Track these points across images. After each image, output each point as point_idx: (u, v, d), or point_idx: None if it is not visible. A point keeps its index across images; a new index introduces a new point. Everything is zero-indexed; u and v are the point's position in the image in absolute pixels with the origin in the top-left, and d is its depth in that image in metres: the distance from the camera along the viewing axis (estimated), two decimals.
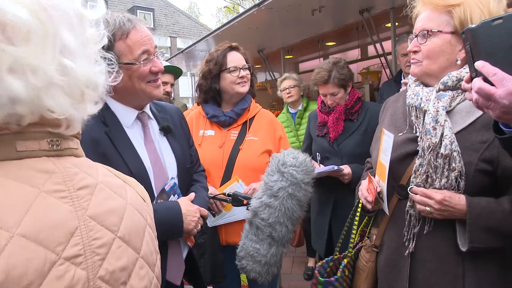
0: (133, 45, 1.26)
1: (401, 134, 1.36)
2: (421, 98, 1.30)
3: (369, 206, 1.39)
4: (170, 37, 23.61)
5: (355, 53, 6.73)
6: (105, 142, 1.29)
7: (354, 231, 1.55)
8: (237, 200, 1.77)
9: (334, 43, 6.20)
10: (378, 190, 1.36)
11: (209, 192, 1.87)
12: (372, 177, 1.41)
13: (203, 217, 1.53)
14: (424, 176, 1.25)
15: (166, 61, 4.58)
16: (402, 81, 2.19)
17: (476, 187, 1.20)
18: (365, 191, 1.43)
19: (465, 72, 1.24)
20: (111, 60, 0.71)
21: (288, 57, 6.61)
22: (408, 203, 1.30)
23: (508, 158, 1.11)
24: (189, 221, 1.42)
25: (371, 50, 6.04)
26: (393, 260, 1.35)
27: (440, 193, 1.20)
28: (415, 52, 1.31)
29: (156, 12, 23.77)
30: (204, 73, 2.05)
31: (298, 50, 6.52)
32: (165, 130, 1.49)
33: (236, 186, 1.91)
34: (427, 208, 1.21)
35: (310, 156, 2.51)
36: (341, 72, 2.35)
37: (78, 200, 0.62)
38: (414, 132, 1.32)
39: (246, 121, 2.05)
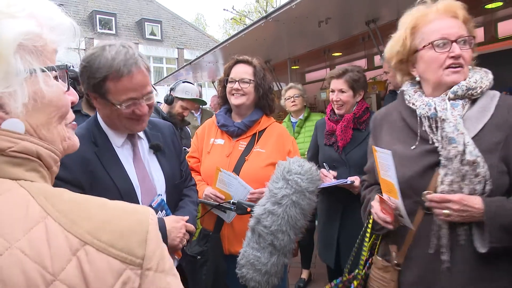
0: (121, 90, 1.29)
1: (413, 147, 1.34)
2: (435, 108, 1.30)
3: (390, 227, 1.33)
4: (178, 48, 23.92)
5: (361, 63, 6.76)
6: (94, 162, 1.36)
7: (364, 253, 1.49)
8: (241, 207, 1.78)
9: (341, 53, 6.25)
10: (393, 207, 1.30)
11: (205, 192, 1.93)
12: (383, 197, 1.34)
13: (190, 232, 1.56)
14: (455, 186, 1.23)
15: (174, 73, 4.64)
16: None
17: (500, 190, 1.21)
18: (381, 213, 1.35)
19: (472, 81, 1.28)
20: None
21: (294, 67, 6.67)
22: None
23: None
24: (174, 237, 1.46)
25: (377, 60, 6.07)
26: (425, 277, 1.29)
27: (457, 194, 1.21)
28: (457, 57, 1.29)
29: (163, 24, 24.14)
30: (219, 81, 2.22)
31: (305, 60, 6.58)
32: (155, 148, 1.55)
33: (222, 176, 1.94)
34: (445, 211, 1.21)
35: (316, 165, 2.52)
36: (356, 74, 2.39)
37: None
38: (430, 143, 1.30)
39: (255, 133, 2.08)
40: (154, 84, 3.19)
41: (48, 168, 0.65)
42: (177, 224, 1.49)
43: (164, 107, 3.17)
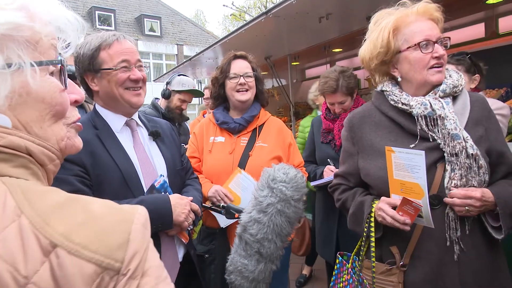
0: (113, 54, 1.42)
1: (413, 145, 1.35)
2: (431, 106, 1.33)
3: (407, 228, 1.31)
4: (177, 44, 23.85)
5: None
6: (95, 143, 1.40)
7: (373, 258, 1.42)
8: (229, 212, 1.78)
9: (341, 49, 6.24)
10: (420, 208, 1.29)
11: (213, 189, 1.92)
12: (409, 199, 1.30)
13: (195, 213, 1.56)
14: (464, 179, 1.29)
15: (174, 70, 4.60)
16: None
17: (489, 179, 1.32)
18: (398, 215, 1.31)
19: (455, 79, 1.38)
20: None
21: (295, 63, 6.66)
22: (448, 208, 1.32)
23: (497, 143, 1.34)
24: (179, 213, 1.46)
25: None
26: (436, 273, 1.32)
27: (478, 191, 1.27)
28: (440, 57, 1.35)
29: (163, 20, 24.06)
30: (212, 80, 2.16)
31: (305, 56, 6.56)
32: (154, 135, 1.59)
33: (240, 178, 1.94)
34: (466, 208, 1.26)
35: (310, 163, 2.53)
36: (348, 81, 2.40)
37: None
38: (431, 140, 1.34)
39: (255, 128, 2.09)
40: (153, 80, 3.21)
41: (42, 165, 0.62)
42: (182, 200, 1.50)
43: (162, 103, 3.16)
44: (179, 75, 3.16)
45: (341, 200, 1.58)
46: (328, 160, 2.47)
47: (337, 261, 1.62)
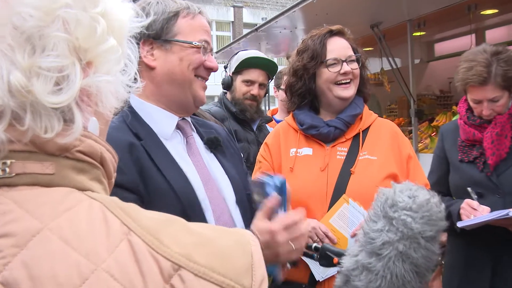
0: (197, 28, 1.57)
1: None
2: None
3: None
4: (234, 6, 24.58)
5: None
6: (144, 159, 1.47)
7: None
8: (325, 256, 1.78)
9: (496, 10, 6.02)
10: None
11: (311, 226, 1.95)
12: None
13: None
14: None
15: (230, 45, 4.72)
16: None
17: None
18: None
19: None
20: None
21: (418, 34, 6.56)
22: None
23: None
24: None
25: None
26: None
27: None
28: None
29: None
30: (297, 69, 2.20)
31: (435, 23, 6.44)
32: (212, 143, 1.67)
33: (348, 211, 1.98)
34: None
35: (439, 194, 2.47)
36: (505, 67, 2.36)
37: None
38: None
39: (358, 134, 2.14)
40: None
41: (108, 178, 0.77)
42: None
43: (228, 97, 3.26)
44: (236, 54, 3.25)
45: None
46: (468, 189, 2.42)
47: None
